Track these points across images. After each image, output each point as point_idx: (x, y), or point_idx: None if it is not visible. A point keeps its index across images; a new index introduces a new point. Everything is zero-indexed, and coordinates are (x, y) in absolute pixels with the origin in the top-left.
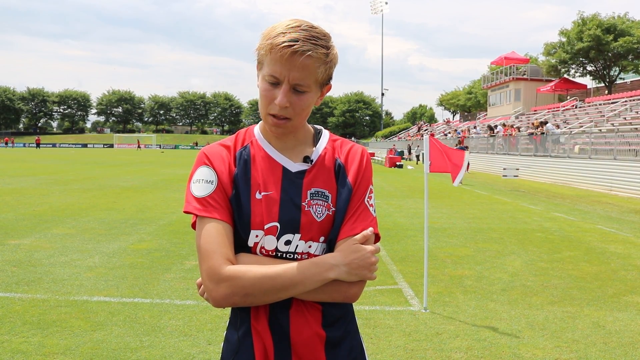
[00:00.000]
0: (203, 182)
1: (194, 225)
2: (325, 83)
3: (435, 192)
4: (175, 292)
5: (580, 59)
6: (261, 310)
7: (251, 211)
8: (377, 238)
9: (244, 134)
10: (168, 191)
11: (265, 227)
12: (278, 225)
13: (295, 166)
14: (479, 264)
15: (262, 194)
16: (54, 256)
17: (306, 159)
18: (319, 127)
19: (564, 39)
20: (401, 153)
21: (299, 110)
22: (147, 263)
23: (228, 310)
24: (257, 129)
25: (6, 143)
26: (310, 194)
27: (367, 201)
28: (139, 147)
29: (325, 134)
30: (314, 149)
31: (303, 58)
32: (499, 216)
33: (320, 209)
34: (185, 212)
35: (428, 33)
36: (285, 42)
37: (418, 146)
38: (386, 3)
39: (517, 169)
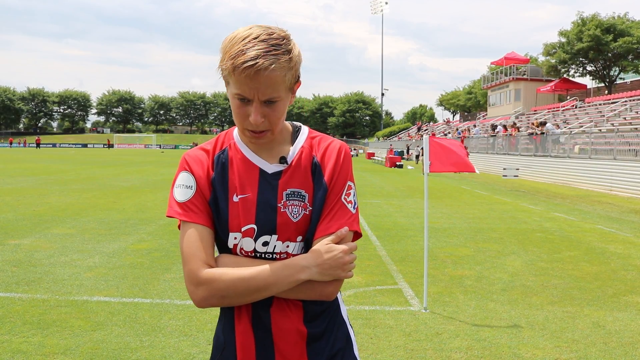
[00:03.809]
0: (183, 187)
1: (180, 227)
2: (295, 83)
3: (435, 192)
4: (175, 292)
5: (580, 59)
6: (244, 308)
7: (229, 214)
8: (357, 235)
9: (223, 136)
10: (168, 191)
11: (243, 229)
12: (255, 227)
13: (271, 167)
14: (479, 264)
15: (239, 196)
16: (54, 256)
17: (282, 160)
18: (297, 124)
19: (563, 40)
20: (401, 153)
21: (275, 120)
22: (147, 263)
23: None
24: (236, 131)
25: (10, 143)
26: (286, 194)
27: (345, 198)
28: (110, 145)
29: (304, 132)
30: (291, 147)
31: (268, 72)
32: (499, 216)
33: (296, 210)
34: (168, 216)
35: (428, 33)
36: (246, 61)
37: (417, 146)
38: (386, 3)
39: (517, 169)
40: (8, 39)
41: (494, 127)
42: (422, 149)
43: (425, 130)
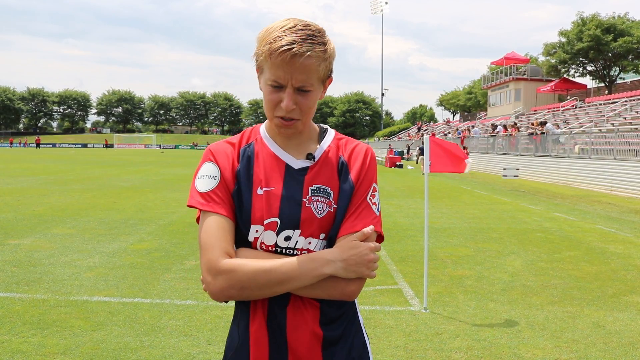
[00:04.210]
0: (206, 177)
1: (198, 220)
2: (327, 77)
3: (435, 192)
4: (175, 292)
5: (580, 59)
6: (259, 307)
7: (252, 206)
8: (380, 237)
9: (249, 132)
10: (168, 191)
11: (265, 222)
12: (278, 220)
13: (298, 163)
14: (479, 264)
15: (264, 189)
16: (54, 256)
17: (309, 156)
18: (325, 125)
19: (563, 40)
20: (401, 153)
21: (306, 109)
22: (147, 263)
23: (228, 311)
24: (262, 127)
25: (11, 143)
26: (312, 190)
27: (370, 199)
28: (107, 145)
29: (331, 133)
30: (318, 146)
31: (303, 59)
32: (499, 216)
33: (321, 206)
34: (189, 205)
35: (428, 33)
36: (283, 46)
37: (418, 147)
38: (386, 3)
39: (517, 169)
40: (8, 39)
41: (494, 126)
42: (420, 149)
43: (425, 130)
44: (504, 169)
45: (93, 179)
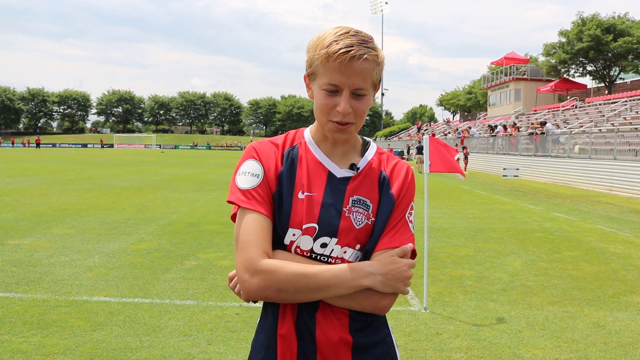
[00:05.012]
0: (249, 175)
1: (233, 217)
2: (377, 83)
3: (435, 192)
4: (175, 292)
5: (580, 59)
6: (288, 311)
7: (292, 209)
8: (413, 254)
9: (293, 134)
10: (168, 191)
11: (304, 227)
12: (317, 226)
13: (340, 172)
14: (479, 264)
15: (305, 194)
16: (54, 256)
17: (352, 166)
18: (367, 138)
19: (563, 40)
20: (401, 153)
21: (361, 113)
22: (147, 263)
23: (228, 311)
24: (307, 131)
25: (12, 143)
26: (352, 200)
27: (408, 217)
28: (103, 145)
29: (373, 146)
30: (361, 158)
31: (360, 62)
32: (499, 216)
33: (360, 217)
34: (229, 201)
35: (428, 32)
36: (341, 49)
37: (416, 147)
38: (386, 3)
39: (517, 169)
40: (8, 39)
41: (492, 127)
42: (417, 149)
43: (425, 130)
44: (504, 169)
45: (93, 179)
